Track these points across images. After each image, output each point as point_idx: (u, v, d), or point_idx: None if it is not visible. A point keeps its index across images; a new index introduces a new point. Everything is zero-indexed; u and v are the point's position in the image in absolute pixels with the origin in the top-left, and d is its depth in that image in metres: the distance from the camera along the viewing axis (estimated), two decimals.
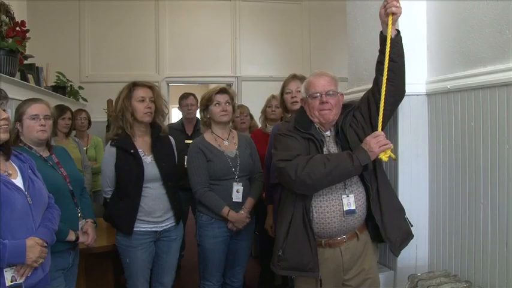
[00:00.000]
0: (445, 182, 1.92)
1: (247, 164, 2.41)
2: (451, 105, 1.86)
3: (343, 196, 1.73)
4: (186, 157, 2.50)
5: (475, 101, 1.72)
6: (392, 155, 1.70)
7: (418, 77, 2.01)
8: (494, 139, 1.63)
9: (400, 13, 1.71)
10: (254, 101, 4.35)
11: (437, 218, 1.97)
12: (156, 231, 2.23)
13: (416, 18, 2.02)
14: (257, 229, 2.85)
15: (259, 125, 3.55)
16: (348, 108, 1.85)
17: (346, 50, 2.51)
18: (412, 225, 1.86)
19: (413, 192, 2.00)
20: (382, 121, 1.73)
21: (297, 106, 2.40)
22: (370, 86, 1.81)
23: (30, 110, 1.93)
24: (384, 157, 1.67)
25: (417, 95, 2.00)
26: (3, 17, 3.09)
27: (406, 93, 1.97)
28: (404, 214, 1.86)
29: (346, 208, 1.73)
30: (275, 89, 2.98)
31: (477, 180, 1.72)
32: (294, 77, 2.51)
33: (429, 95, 2.00)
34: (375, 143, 1.65)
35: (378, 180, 1.77)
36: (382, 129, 1.73)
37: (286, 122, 1.89)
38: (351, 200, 1.74)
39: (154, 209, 2.20)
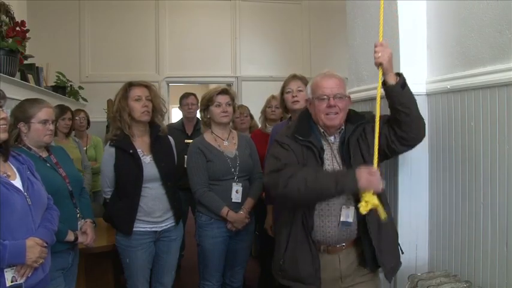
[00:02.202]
0: (445, 182, 1.92)
1: (247, 164, 2.41)
2: (451, 105, 1.86)
3: (343, 206, 1.69)
4: (185, 157, 2.50)
5: (475, 101, 1.72)
6: (382, 212, 1.58)
7: (418, 77, 2.01)
8: (494, 139, 1.63)
9: (385, 60, 1.63)
10: (254, 101, 4.34)
11: (437, 218, 1.97)
12: (155, 231, 2.23)
13: (416, 18, 2.02)
14: (257, 229, 2.85)
15: (260, 125, 3.55)
16: (360, 120, 1.74)
17: (346, 50, 2.51)
18: (403, 253, 1.83)
19: (413, 192, 2.00)
20: (379, 155, 1.63)
21: (298, 106, 2.41)
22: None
23: (41, 115, 1.92)
24: (363, 208, 1.53)
25: (417, 95, 1.99)
26: (3, 17, 3.08)
27: None
28: (398, 239, 1.83)
29: (342, 219, 1.68)
30: (275, 89, 2.98)
31: (477, 180, 1.72)
32: (294, 76, 2.51)
33: (429, 95, 2.00)
34: (366, 176, 1.52)
35: (381, 200, 1.68)
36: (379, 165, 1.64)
37: (288, 127, 1.81)
38: (350, 213, 1.68)
39: (154, 209, 2.20)
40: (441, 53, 1.95)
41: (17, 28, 2.99)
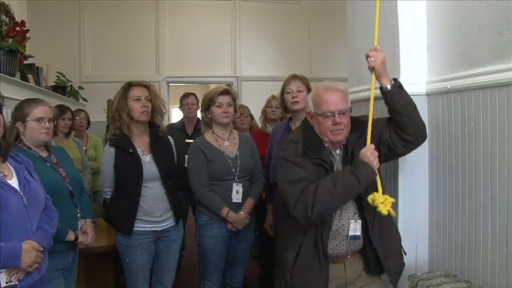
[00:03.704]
0: (445, 182, 1.92)
1: (248, 164, 2.41)
2: (451, 105, 1.86)
3: (351, 221, 1.69)
4: (186, 157, 2.50)
5: (475, 101, 1.72)
6: (392, 212, 1.59)
7: (418, 77, 2.01)
8: (494, 139, 1.63)
9: (377, 64, 1.63)
10: (254, 101, 4.34)
11: (437, 218, 1.97)
12: (156, 231, 2.23)
13: (416, 18, 2.02)
14: (257, 229, 2.85)
15: (260, 125, 3.55)
16: (362, 128, 1.69)
17: (346, 50, 2.51)
18: (405, 254, 1.83)
19: (413, 192, 2.00)
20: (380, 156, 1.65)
21: (298, 106, 2.41)
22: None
23: (36, 112, 1.92)
24: (384, 210, 1.55)
25: (417, 95, 1.99)
26: (3, 17, 3.08)
27: None
28: (400, 242, 1.84)
29: (351, 233, 1.69)
30: (275, 89, 2.98)
31: (477, 180, 1.72)
32: (294, 77, 2.50)
33: (429, 95, 2.00)
34: (374, 156, 1.58)
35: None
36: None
37: (293, 142, 1.72)
38: (357, 226, 1.69)
39: (154, 208, 2.20)
40: (441, 53, 1.95)
41: (17, 28, 2.99)
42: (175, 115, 8.18)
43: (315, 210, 1.55)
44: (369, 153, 1.58)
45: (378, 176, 1.61)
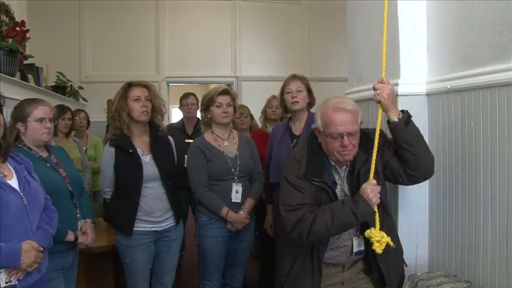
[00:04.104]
0: (445, 181, 1.91)
1: (247, 164, 2.41)
2: (451, 105, 1.86)
3: (354, 238, 1.70)
4: (186, 157, 2.50)
5: (475, 101, 1.71)
6: (391, 243, 1.60)
7: (418, 77, 2.01)
8: (494, 139, 1.62)
9: (383, 98, 1.62)
10: (254, 101, 4.35)
11: (437, 218, 1.97)
12: (156, 231, 2.23)
13: (416, 18, 2.01)
14: (257, 229, 2.85)
15: (260, 125, 3.55)
16: (370, 147, 1.64)
17: (346, 50, 2.51)
18: (406, 265, 1.84)
19: (413, 192, 2.00)
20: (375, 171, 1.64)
21: (297, 106, 2.41)
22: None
23: (37, 113, 1.92)
24: (379, 249, 1.57)
25: (417, 95, 2.00)
26: (3, 17, 3.08)
27: (406, 93, 1.97)
28: (402, 255, 1.84)
29: (356, 249, 1.70)
30: (275, 89, 2.98)
31: (477, 180, 1.72)
32: (294, 77, 2.50)
33: (429, 95, 2.00)
34: (375, 193, 1.56)
35: (385, 224, 1.68)
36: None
37: (296, 161, 1.70)
38: (361, 242, 1.70)
39: (154, 208, 2.20)
40: (441, 53, 1.95)
41: (17, 28, 2.99)
42: (175, 115, 8.18)
43: (309, 239, 1.60)
44: (369, 189, 1.56)
45: (376, 213, 1.61)
